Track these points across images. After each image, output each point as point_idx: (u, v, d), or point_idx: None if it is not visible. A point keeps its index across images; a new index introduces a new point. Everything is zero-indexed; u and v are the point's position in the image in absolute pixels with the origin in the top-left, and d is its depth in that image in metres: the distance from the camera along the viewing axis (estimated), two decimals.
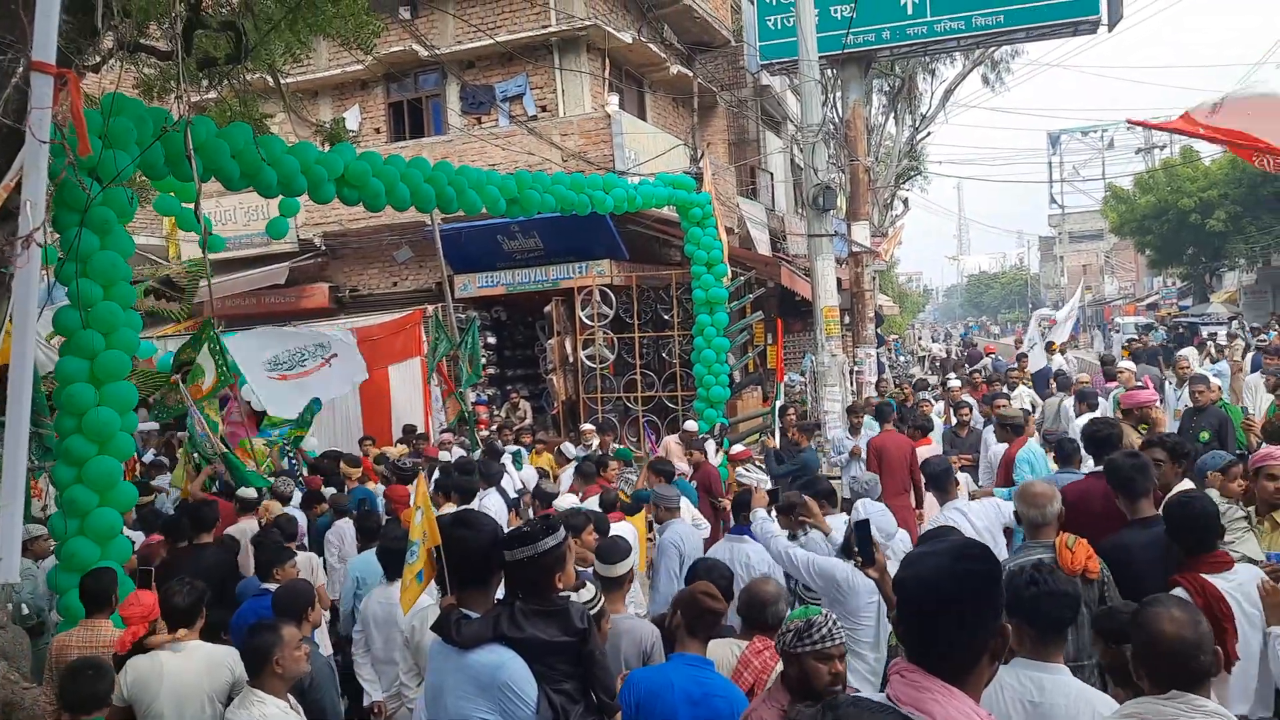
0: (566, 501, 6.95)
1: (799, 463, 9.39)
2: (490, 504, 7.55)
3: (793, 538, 5.32)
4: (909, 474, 8.49)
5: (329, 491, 8.41)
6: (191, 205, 7.21)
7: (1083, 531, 3.96)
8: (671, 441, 11.23)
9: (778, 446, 10.69)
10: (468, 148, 14.95)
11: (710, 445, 10.52)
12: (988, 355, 23.51)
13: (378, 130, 16.87)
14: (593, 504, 6.77)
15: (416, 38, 15.92)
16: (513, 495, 8.60)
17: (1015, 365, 15.35)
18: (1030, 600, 2.94)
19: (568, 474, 9.21)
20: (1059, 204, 63.79)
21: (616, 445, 12.10)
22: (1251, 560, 3.84)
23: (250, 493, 7.37)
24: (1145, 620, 2.65)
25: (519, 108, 15.85)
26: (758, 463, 9.32)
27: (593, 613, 3.92)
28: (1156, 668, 2.58)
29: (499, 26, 15.65)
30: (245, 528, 6.95)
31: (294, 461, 10.25)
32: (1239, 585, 3.54)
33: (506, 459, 10.16)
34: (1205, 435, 7.65)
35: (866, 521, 5.09)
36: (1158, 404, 8.96)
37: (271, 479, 8.23)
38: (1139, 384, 10.22)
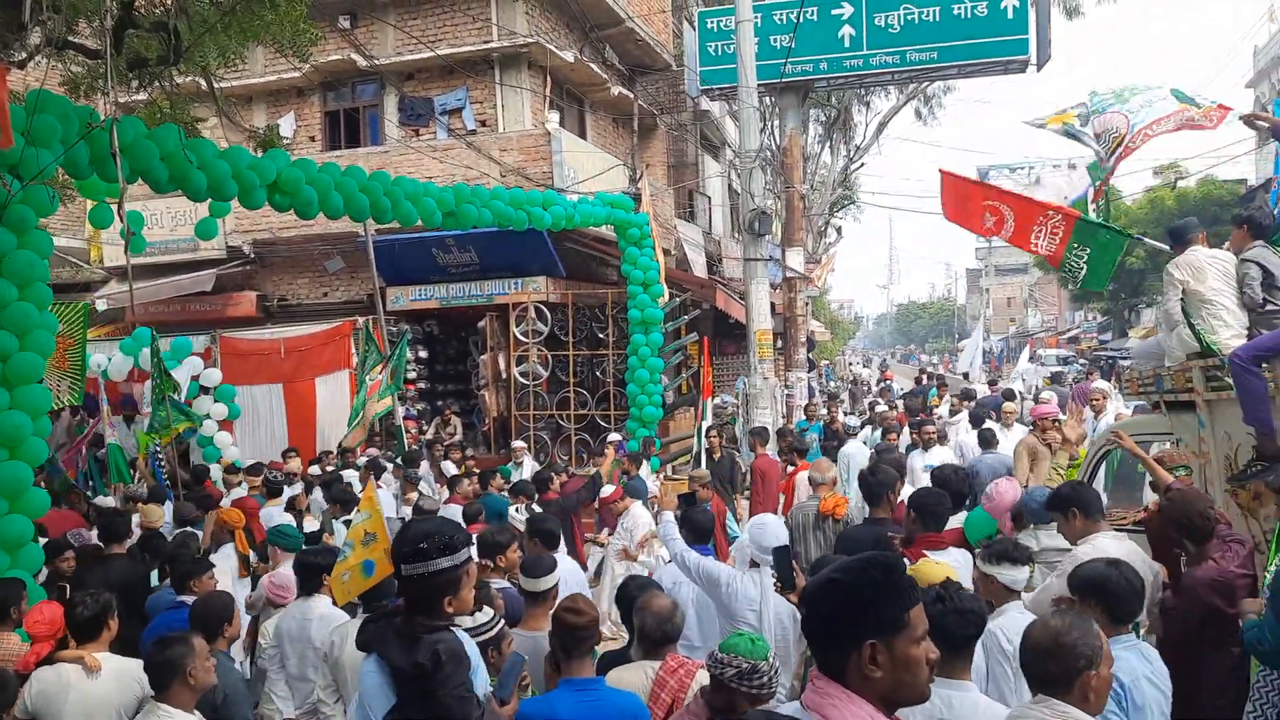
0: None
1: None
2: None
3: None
4: (779, 493, 9.12)
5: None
6: (115, 203, 7.04)
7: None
8: (608, 462, 11.24)
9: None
10: (404, 159, 14.83)
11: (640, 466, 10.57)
12: (885, 380, 24.14)
13: (313, 138, 16.65)
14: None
15: (356, 47, 15.78)
16: (390, 514, 8.44)
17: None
18: (937, 618, 2.97)
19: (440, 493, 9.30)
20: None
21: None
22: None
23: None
24: (1026, 628, 2.82)
25: (458, 121, 15.79)
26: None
27: (486, 637, 3.89)
28: (1028, 672, 2.75)
29: (440, 39, 15.60)
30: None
31: (160, 462, 10.11)
32: (950, 562, 4.16)
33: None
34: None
35: (786, 548, 5.18)
36: (1063, 417, 9.49)
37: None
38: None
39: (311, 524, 7.83)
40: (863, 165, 27.68)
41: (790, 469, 9.40)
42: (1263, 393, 4.77)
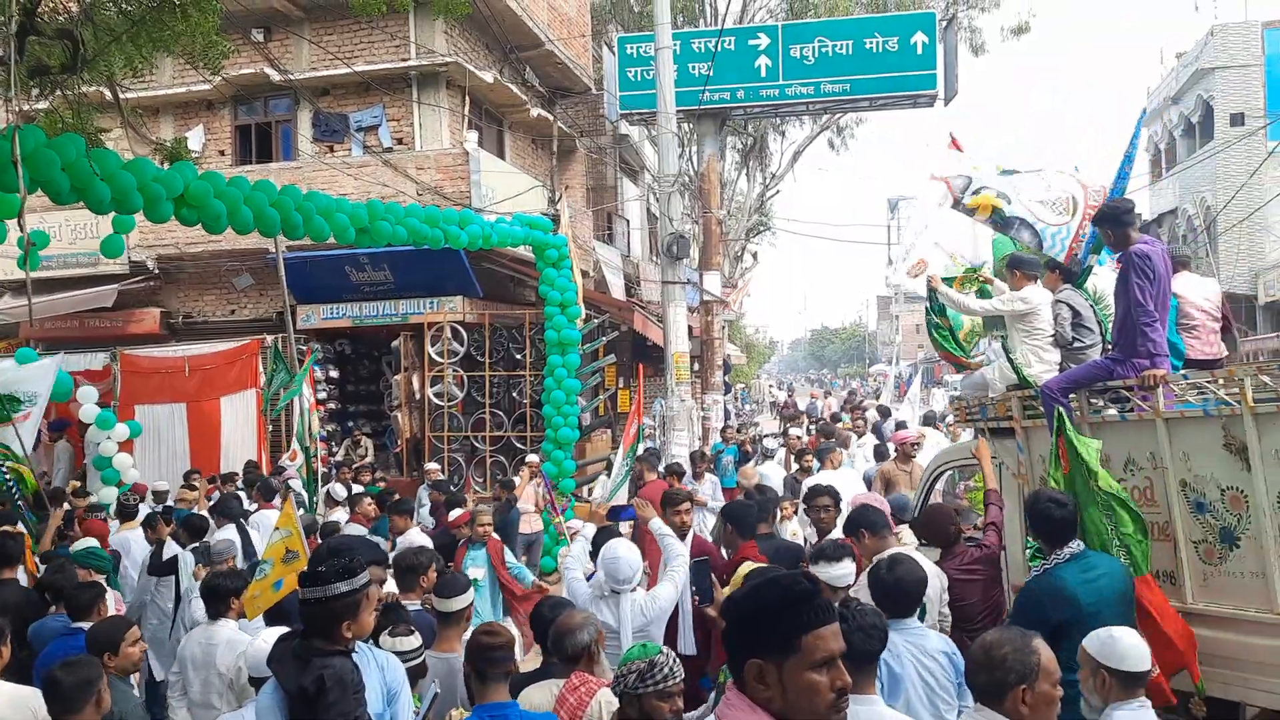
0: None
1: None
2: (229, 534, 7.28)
3: None
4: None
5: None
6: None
7: None
8: (524, 484, 11.17)
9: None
10: (318, 175, 14.58)
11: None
12: (812, 400, 24.58)
13: (222, 153, 16.26)
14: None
15: (270, 61, 15.48)
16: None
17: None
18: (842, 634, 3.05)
19: (336, 516, 9.06)
20: (892, 264, 67.20)
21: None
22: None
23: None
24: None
25: (374, 139, 15.60)
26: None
27: (412, 664, 3.83)
28: (969, 683, 2.86)
29: (356, 56, 15.42)
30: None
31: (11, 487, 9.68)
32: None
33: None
34: None
35: (706, 561, 5.26)
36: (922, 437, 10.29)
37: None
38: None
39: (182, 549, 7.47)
40: (778, 192, 28.24)
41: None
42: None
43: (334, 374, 15.50)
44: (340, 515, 9.17)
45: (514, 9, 16.10)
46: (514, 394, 14.65)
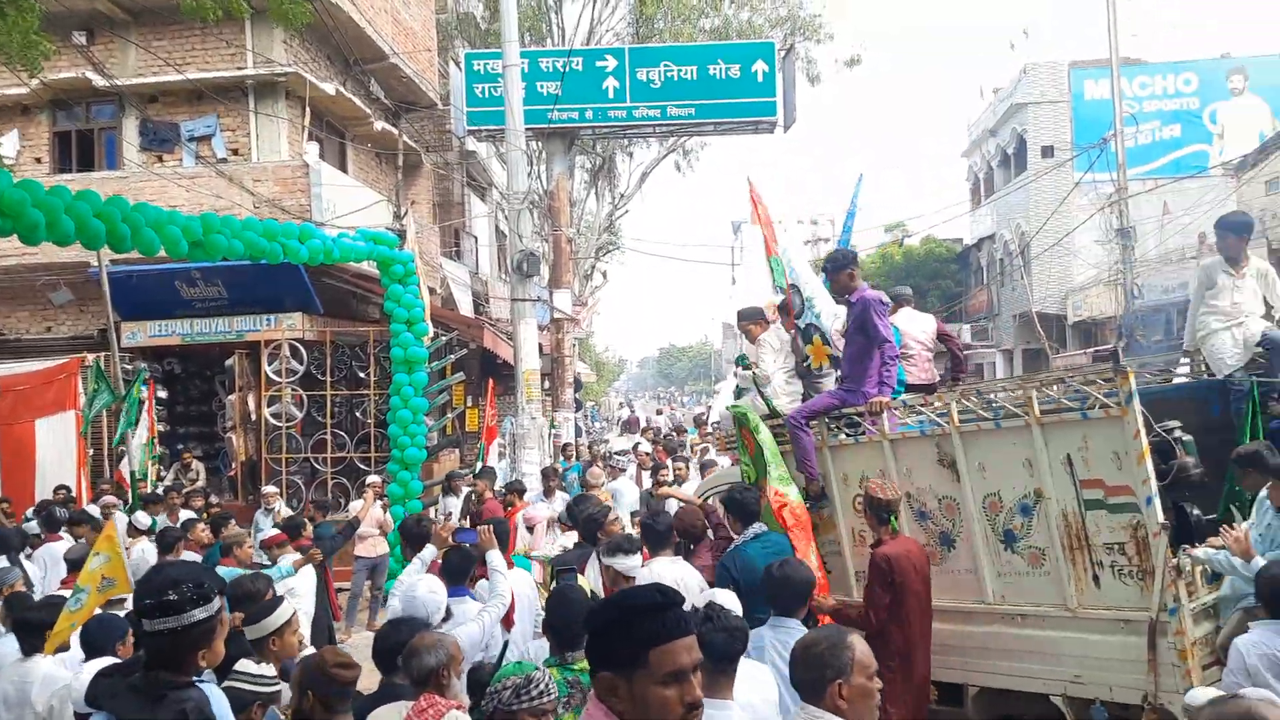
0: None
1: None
2: None
3: None
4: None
5: None
6: None
7: None
8: (368, 506, 10.85)
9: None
10: (146, 186, 13.80)
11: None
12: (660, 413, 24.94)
13: (39, 160, 15.19)
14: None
15: (93, 64, 14.57)
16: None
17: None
18: (705, 636, 3.05)
19: (141, 546, 8.52)
20: (735, 285, 69.10)
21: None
22: None
23: None
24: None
25: (207, 149, 14.90)
26: None
27: (271, 690, 3.66)
28: (793, 681, 2.94)
29: (188, 63, 14.70)
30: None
31: None
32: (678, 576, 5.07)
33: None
34: None
35: (573, 570, 5.37)
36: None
37: None
38: None
39: None
40: (627, 212, 28.55)
41: (508, 509, 9.52)
42: (810, 446, 6.01)
43: (162, 394, 14.64)
44: (145, 545, 8.54)
45: (357, 21, 15.73)
46: (357, 414, 14.22)
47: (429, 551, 5.80)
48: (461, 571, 5.37)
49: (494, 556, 5.40)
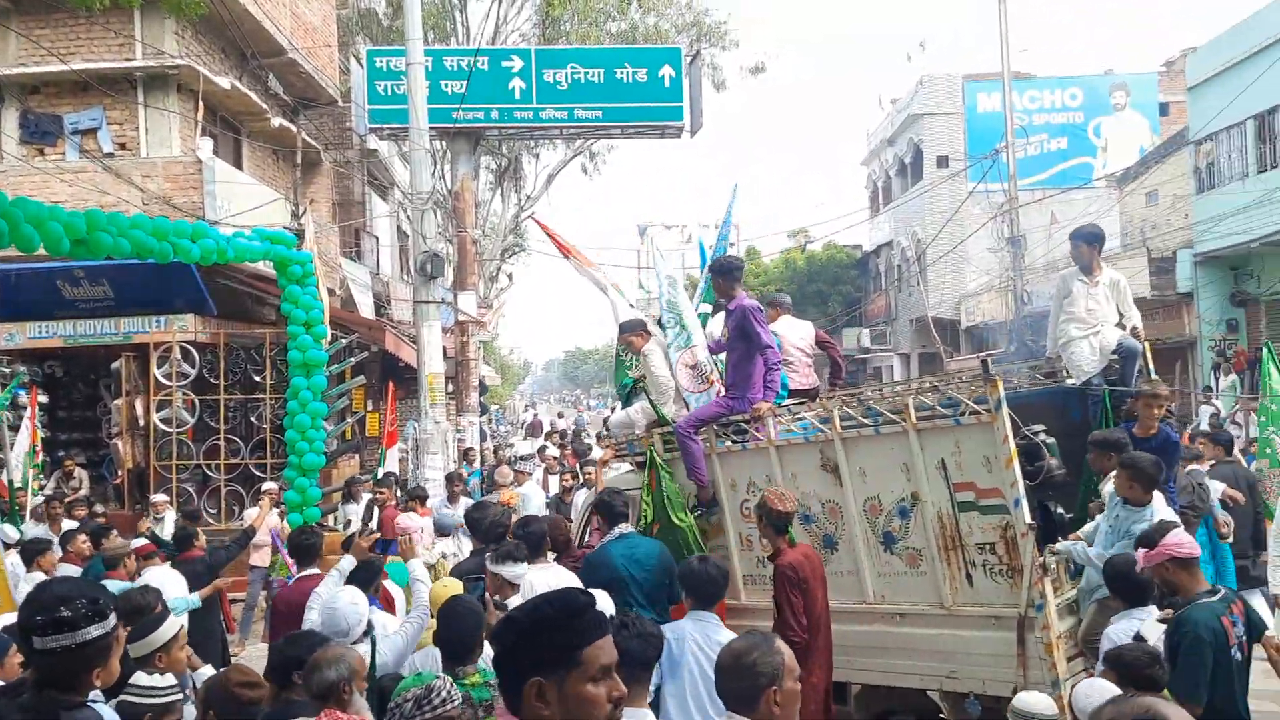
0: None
1: None
2: None
3: None
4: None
5: None
6: None
7: None
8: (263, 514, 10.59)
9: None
10: (26, 180, 13.20)
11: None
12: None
13: None
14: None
15: None
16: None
17: None
18: (621, 643, 3.11)
19: (11, 560, 8.10)
20: (645, 290, 69.43)
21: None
22: None
23: None
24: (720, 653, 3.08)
25: (92, 142, 14.34)
26: None
27: (169, 700, 3.57)
28: (720, 692, 2.94)
29: (73, 53, 14.12)
30: None
31: None
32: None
33: None
34: None
35: (479, 579, 5.44)
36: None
37: None
38: None
39: None
40: (533, 214, 28.36)
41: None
42: (698, 453, 6.18)
43: (43, 399, 14.02)
44: (14, 559, 8.11)
45: (254, 14, 15.33)
46: (252, 418, 13.85)
47: (347, 562, 5.66)
48: (366, 582, 5.32)
49: (416, 566, 5.39)
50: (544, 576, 5.20)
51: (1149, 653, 3.75)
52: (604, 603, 3.97)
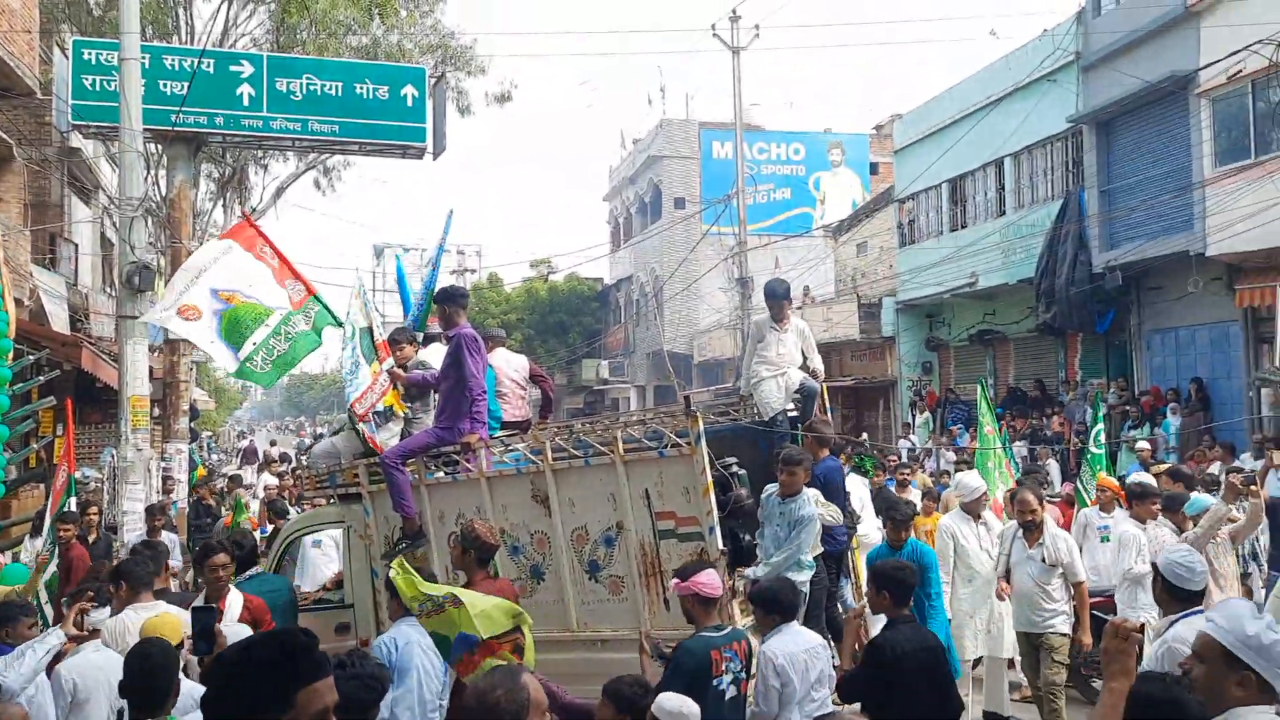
0: None
1: None
2: None
3: None
4: None
5: None
6: None
7: None
8: None
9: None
10: None
11: None
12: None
13: None
14: None
15: None
16: None
17: None
18: (339, 684, 2.95)
19: None
20: (380, 313, 67.48)
21: None
22: None
23: None
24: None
25: None
26: None
27: None
28: None
29: None
30: None
31: None
32: None
33: None
34: None
35: (210, 609, 4.85)
36: None
37: None
38: None
39: None
40: (244, 213, 26.85)
41: None
42: (405, 485, 6.15)
43: None
44: None
45: None
46: None
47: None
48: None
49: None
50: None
51: (642, 683, 4.05)
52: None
